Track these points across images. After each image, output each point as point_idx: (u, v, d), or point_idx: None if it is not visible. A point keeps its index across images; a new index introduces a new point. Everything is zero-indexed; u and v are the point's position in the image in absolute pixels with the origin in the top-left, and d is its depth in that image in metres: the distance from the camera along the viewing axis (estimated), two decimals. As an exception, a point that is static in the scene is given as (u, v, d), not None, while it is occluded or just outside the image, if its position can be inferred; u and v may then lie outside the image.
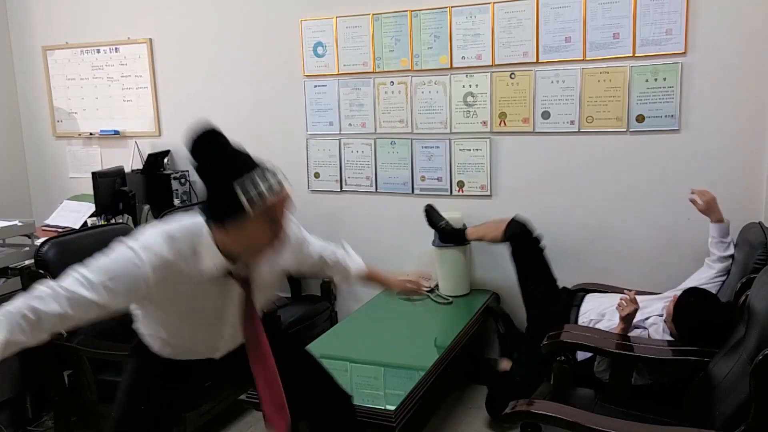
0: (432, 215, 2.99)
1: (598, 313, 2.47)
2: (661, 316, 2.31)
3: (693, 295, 2.16)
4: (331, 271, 1.95)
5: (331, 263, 1.93)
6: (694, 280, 2.48)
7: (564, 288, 2.76)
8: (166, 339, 1.67)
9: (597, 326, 2.41)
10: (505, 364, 2.80)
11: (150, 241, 1.46)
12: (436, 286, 3.08)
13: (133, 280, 1.41)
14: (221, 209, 1.43)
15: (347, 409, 1.85)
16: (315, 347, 2.54)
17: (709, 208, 2.46)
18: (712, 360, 1.92)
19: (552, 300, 2.65)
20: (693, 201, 2.51)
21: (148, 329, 1.69)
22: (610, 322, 2.38)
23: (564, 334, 2.16)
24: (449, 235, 2.94)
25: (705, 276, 2.46)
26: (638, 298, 2.24)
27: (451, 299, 3.00)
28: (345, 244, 2.03)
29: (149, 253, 1.43)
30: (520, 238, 2.71)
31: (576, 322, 2.49)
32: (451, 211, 3.05)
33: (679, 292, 2.24)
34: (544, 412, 1.65)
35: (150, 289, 1.44)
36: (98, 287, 1.37)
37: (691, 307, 2.10)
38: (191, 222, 1.53)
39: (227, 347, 1.73)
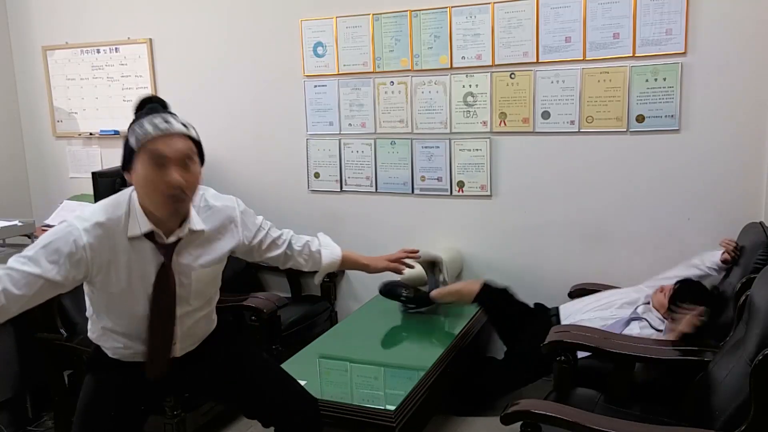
0: (392, 292, 2.92)
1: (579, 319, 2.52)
2: (648, 304, 2.39)
3: (690, 283, 2.34)
4: (301, 258, 1.90)
5: (298, 249, 1.88)
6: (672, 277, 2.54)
7: (538, 304, 2.82)
8: (115, 329, 1.63)
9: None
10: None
11: (84, 212, 1.53)
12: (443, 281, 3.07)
13: (68, 245, 1.44)
14: (123, 158, 1.52)
15: (314, 416, 1.85)
16: (314, 347, 2.55)
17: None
18: (712, 360, 1.92)
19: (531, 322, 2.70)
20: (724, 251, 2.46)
21: (98, 323, 1.65)
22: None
23: (564, 334, 2.16)
24: (415, 302, 2.90)
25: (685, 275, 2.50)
26: (608, 293, 2.42)
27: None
28: (320, 234, 2.00)
29: (81, 220, 1.49)
30: (489, 300, 2.73)
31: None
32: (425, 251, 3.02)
33: (658, 283, 2.44)
34: (544, 412, 1.65)
35: (86, 254, 1.46)
36: (37, 259, 1.42)
37: (692, 290, 2.28)
38: (126, 190, 1.57)
39: (182, 342, 1.68)
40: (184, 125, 1.51)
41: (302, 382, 2.04)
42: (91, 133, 3.85)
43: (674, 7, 2.64)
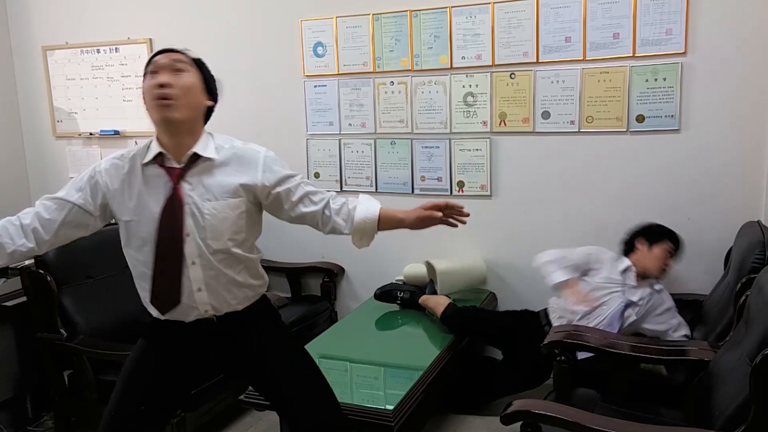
0: (388, 296, 2.97)
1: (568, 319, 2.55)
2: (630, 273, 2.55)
3: (651, 224, 2.63)
4: (339, 218, 1.72)
5: (335, 208, 1.72)
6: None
7: (525, 311, 2.85)
8: (136, 268, 1.66)
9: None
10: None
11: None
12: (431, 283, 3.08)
13: (89, 171, 1.66)
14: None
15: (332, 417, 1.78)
16: (311, 348, 2.54)
17: None
18: (713, 360, 1.92)
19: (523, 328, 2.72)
20: None
21: (134, 277, 1.70)
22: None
23: (564, 334, 2.16)
24: (409, 303, 2.94)
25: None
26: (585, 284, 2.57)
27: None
28: (362, 195, 1.82)
29: (103, 160, 1.70)
30: (452, 321, 2.72)
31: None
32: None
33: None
34: (544, 412, 1.65)
35: (102, 178, 1.64)
36: (67, 188, 1.65)
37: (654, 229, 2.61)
38: None
39: (210, 294, 1.64)
40: (185, 49, 1.70)
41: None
42: (91, 133, 3.86)
43: (674, 7, 2.64)
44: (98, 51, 3.78)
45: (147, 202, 1.61)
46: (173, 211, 1.59)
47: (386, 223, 1.78)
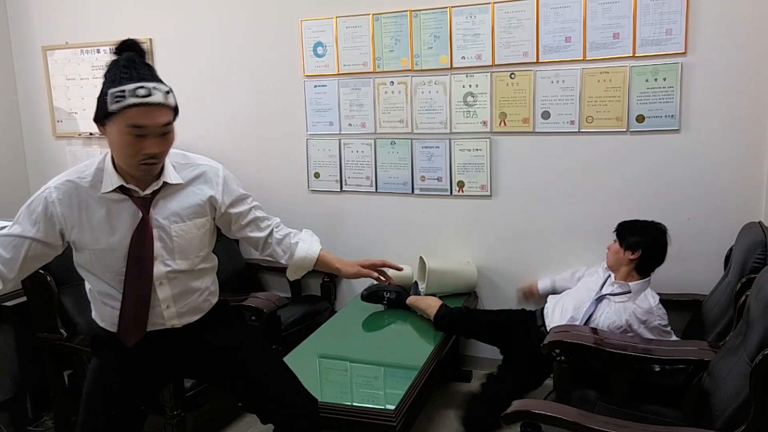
0: (375, 296, 2.96)
1: (567, 316, 2.55)
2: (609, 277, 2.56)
3: (625, 223, 2.59)
4: (280, 248, 1.81)
5: (278, 238, 1.81)
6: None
7: (522, 310, 2.87)
8: (101, 289, 1.63)
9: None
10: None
11: (60, 175, 1.61)
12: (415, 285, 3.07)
13: (41, 202, 1.55)
14: (97, 108, 1.51)
15: (314, 417, 1.84)
16: (304, 348, 2.53)
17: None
18: (713, 360, 1.92)
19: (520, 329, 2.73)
20: None
21: (91, 292, 1.68)
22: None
23: (564, 335, 2.16)
24: (395, 304, 2.93)
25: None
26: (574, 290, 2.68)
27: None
28: (306, 230, 1.92)
29: (54, 180, 1.59)
30: (445, 324, 2.72)
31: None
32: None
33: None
34: (544, 412, 1.65)
35: (56, 209, 1.54)
36: (21, 221, 1.55)
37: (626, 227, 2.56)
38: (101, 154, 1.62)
39: (178, 307, 1.67)
40: (166, 92, 1.49)
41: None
42: (91, 133, 3.86)
43: (674, 7, 2.64)
44: (98, 51, 3.78)
45: (111, 230, 1.57)
46: (143, 239, 1.58)
47: (322, 266, 1.88)
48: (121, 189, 1.56)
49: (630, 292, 2.45)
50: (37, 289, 2.52)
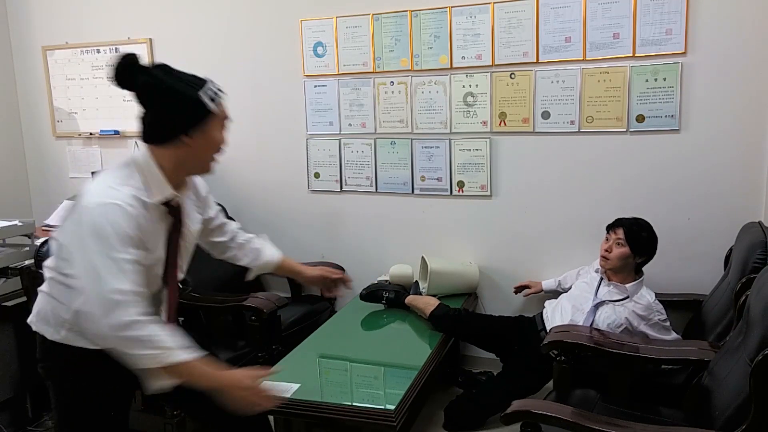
0: (374, 296, 2.96)
1: (567, 318, 2.55)
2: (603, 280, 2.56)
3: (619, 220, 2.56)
4: (241, 252, 1.91)
5: (240, 242, 1.91)
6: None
7: (520, 316, 2.87)
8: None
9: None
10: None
11: (101, 190, 1.42)
12: (416, 284, 3.07)
13: (125, 231, 1.38)
14: (184, 119, 1.44)
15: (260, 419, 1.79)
16: (304, 348, 2.53)
17: None
18: (713, 360, 1.92)
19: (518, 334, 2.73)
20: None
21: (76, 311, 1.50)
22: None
23: (564, 335, 2.16)
24: (394, 303, 2.93)
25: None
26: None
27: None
28: (262, 235, 2.03)
29: (113, 198, 1.40)
30: (440, 323, 2.71)
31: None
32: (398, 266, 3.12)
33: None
34: (544, 412, 1.65)
35: (135, 233, 1.42)
36: (126, 250, 1.37)
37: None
38: (128, 163, 1.50)
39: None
40: None
41: (296, 386, 2.04)
42: (91, 133, 3.86)
43: (674, 7, 2.64)
44: (98, 51, 3.78)
45: (155, 242, 1.54)
46: (175, 248, 1.60)
47: (283, 270, 2.00)
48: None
49: (628, 297, 2.44)
50: (37, 289, 2.51)
